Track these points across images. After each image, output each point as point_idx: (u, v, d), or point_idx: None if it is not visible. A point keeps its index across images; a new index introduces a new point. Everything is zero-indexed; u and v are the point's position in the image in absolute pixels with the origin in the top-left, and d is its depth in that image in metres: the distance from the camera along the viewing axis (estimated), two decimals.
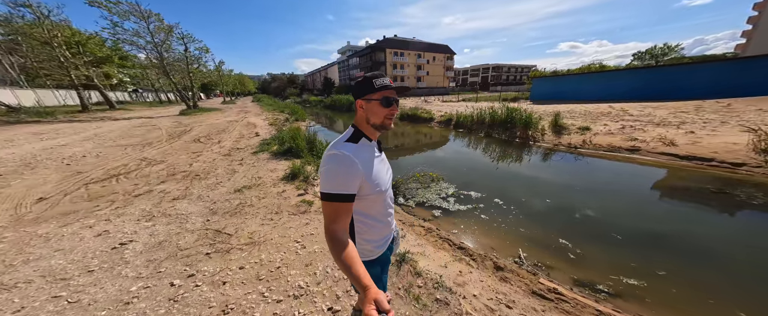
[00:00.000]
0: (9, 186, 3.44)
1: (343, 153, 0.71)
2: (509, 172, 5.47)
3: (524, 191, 4.33)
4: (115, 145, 5.92)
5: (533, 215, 3.56)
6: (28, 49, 13.66)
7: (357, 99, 0.79)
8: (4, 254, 1.96)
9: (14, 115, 11.40)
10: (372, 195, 0.78)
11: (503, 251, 2.92)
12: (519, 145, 7.85)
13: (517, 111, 8.72)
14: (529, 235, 3.15)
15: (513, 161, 6.29)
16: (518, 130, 8.48)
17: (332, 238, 0.66)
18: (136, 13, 13.82)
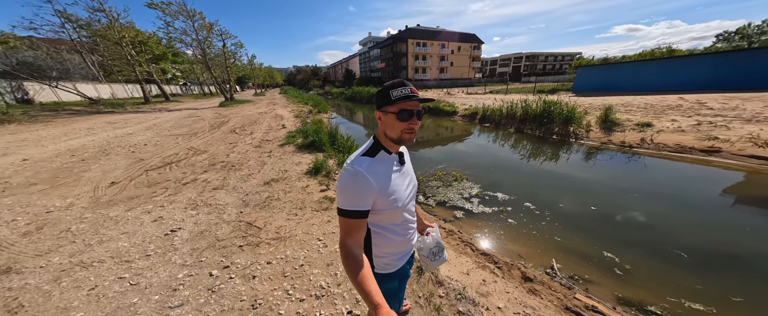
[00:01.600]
0: (89, 170, 4.04)
1: (356, 169, 0.69)
2: (544, 172, 4.94)
3: (562, 195, 3.90)
4: (169, 135, 6.63)
5: (572, 222, 3.19)
6: (104, 48, 15.65)
7: (376, 110, 0.74)
8: (84, 233, 2.31)
9: (94, 106, 13.38)
10: (389, 210, 0.76)
11: (533, 259, 2.68)
12: (556, 142, 7.01)
13: (556, 104, 7.72)
14: (565, 244, 2.85)
15: (549, 161, 5.66)
16: (556, 125, 7.53)
17: (345, 252, 0.66)
18: (183, 13, 14.91)
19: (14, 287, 1.61)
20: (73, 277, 1.72)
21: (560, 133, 7.42)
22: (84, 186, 3.42)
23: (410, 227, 0.88)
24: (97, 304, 1.49)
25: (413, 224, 0.90)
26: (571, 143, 6.87)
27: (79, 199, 3.03)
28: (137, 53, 16.59)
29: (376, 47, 50.44)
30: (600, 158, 5.63)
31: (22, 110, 9.90)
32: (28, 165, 4.22)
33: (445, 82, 44.00)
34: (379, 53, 49.36)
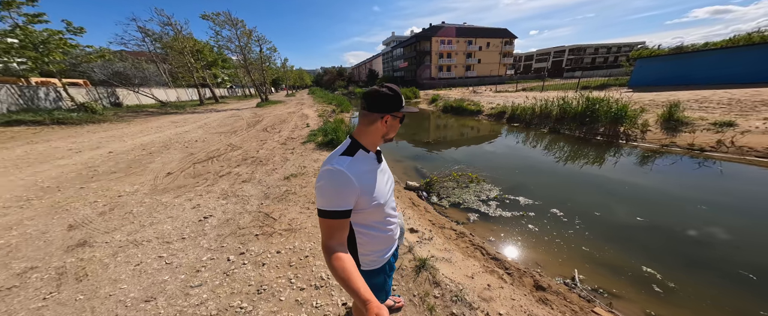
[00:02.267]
0: (153, 162, 4.73)
1: (336, 169, 0.68)
2: (581, 177, 4.38)
3: (601, 202, 3.44)
4: (215, 133, 7.44)
5: (607, 232, 2.82)
6: (171, 58, 18.03)
7: (384, 113, 0.73)
8: (141, 216, 2.72)
9: (163, 108, 15.59)
10: (370, 208, 0.75)
11: (552, 269, 2.43)
12: (601, 144, 6.14)
13: (602, 101, 6.69)
14: (593, 255, 2.53)
15: (589, 164, 4.99)
16: (602, 125, 6.56)
17: (329, 254, 0.65)
18: (229, 22, 16.34)
19: (85, 258, 1.97)
20: (127, 253, 2.05)
21: (606, 134, 6.44)
22: (148, 175, 4.02)
23: (392, 222, 0.87)
24: (138, 279, 1.75)
25: (395, 219, 0.89)
26: (621, 145, 5.93)
27: (142, 186, 3.57)
28: (195, 60, 18.77)
29: (399, 46, 49.45)
30: (658, 162, 4.78)
31: (113, 112, 11.99)
32: (112, 157, 5.10)
33: (471, 80, 41.43)
34: (402, 52, 48.32)
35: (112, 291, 1.61)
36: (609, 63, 56.24)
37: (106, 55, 14.89)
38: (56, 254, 1.99)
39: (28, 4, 9.23)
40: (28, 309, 1.44)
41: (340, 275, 0.61)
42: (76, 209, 2.83)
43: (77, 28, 10.68)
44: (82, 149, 5.65)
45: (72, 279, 1.71)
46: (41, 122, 8.43)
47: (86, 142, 6.36)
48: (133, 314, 1.43)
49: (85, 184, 3.62)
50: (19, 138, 6.68)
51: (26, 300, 1.51)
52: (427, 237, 2.69)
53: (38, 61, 9.78)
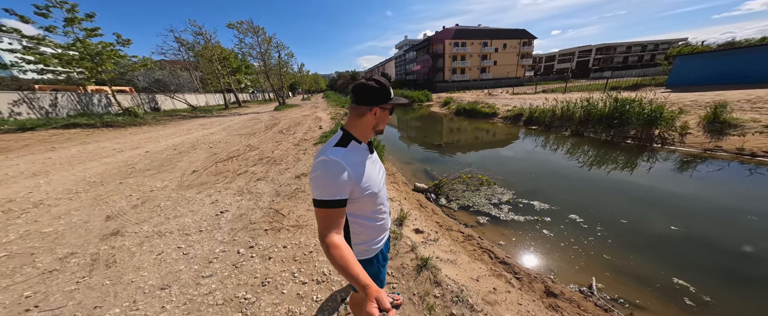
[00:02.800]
0: (182, 161, 5.07)
1: (331, 159, 0.69)
2: (606, 182, 4.06)
3: (628, 210, 3.17)
4: (236, 134, 7.84)
5: (633, 241, 2.60)
6: (202, 65, 19.33)
7: (372, 105, 0.74)
8: (167, 209, 2.91)
9: (194, 112, 16.74)
10: (364, 197, 0.76)
11: (566, 276, 2.28)
12: (631, 148, 5.65)
13: (633, 102, 6.19)
14: (615, 263, 2.34)
15: (617, 169, 4.61)
16: (633, 128, 6.04)
17: (328, 243, 0.65)
18: (251, 30, 17.16)
19: (116, 246, 2.14)
20: (151, 243, 2.20)
21: (638, 137, 5.90)
22: (176, 172, 4.32)
23: (384, 211, 0.88)
24: (158, 267, 1.87)
25: (387, 209, 0.91)
26: (655, 149, 5.42)
27: (171, 182, 3.84)
28: (221, 67, 19.95)
29: (412, 50, 48.83)
30: (700, 168, 4.31)
31: (152, 116, 13.08)
32: (148, 156, 5.55)
33: (486, 82, 39.70)
34: (415, 56, 47.62)
35: (134, 278, 1.73)
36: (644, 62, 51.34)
37: (148, 64, 16.31)
38: (93, 242, 2.19)
39: (87, 20, 10.35)
40: (62, 291, 1.59)
41: (338, 263, 0.61)
42: (114, 202, 3.10)
43: (125, 40, 11.79)
44: (124, 149, 6.20)
45: (102, 265, 1.86)
46: (93, 125, 9.39)
47: (128, 143, 6.98)
48: (148, 301, 1.53)
49: (124, 179, 3.96)
50: (74, 139, 7.49)
51: (62, 283, 1.67)
52: (433, 238, 2.61)
53: (93, 70, 10.92)
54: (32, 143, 6.69)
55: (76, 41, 10.26)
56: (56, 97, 11.16)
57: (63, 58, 10.14)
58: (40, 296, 1.53)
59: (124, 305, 1.49)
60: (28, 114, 10.19)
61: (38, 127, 8.30)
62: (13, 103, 9.84)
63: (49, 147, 6.37)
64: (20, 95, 10.09)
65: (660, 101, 6.05)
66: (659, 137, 5.72)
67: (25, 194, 3.29)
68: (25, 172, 4.34)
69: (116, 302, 1.50)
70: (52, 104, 11.03)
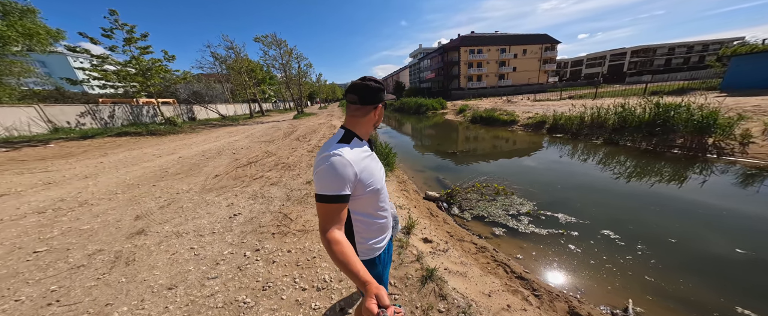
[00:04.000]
0: (207, 166, 5.39)
1: (336, 154, 0.69)
2: (649, 197, 3.60)
3: (679, 228, 2.79)
4: (257, 142, 8.24)
5: (687, 263, 2.27)
6: (232, 77, 20.94)
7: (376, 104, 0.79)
8: (188, 211, 3.05)
9: (223, 121, 18.04)
10: (366, 194, 0.76)
11: (596, 296, 2.01)
12: (678, 158, 5.06)
13: (679, 107, 5.61)
14: (659, 286, 2.05)
15: (662, 182, 4.10)
16: (680, 136, 5.45)
17: (329, 239, 0.64)
18: (275, 43, 18.34)
19: (138, 244, 2.26)
20: (168, 243, 2.29)
21: (687, 146, 5.25)
22: (200, 176, 4.58)
23: (386, 209, 0.88)
24: (170, 267, 1.92)
25: (388, 207, 0.91)
26: (709, 160, 4.78)
27: (195, 185, 4.06)
28: (248, 78, 21.43)
29: (426, 58, 48.75)
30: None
31: (189, 125, 14.30)
32: (180, 161, 5.99)
33: (505, 89, 38.17)
34: (429, 64, 47.43)
35: (147, 277, 1.79)
36: (691, 64, 46.40)
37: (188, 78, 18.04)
38: (120, 240, 2.34)
39: (142, 39, 11.74)
40: (83, 287, 1.68)
41: (339, 259, 0.60)
42: (144, 203, 3.33)
43: (171, 56, 13.15)
44: (161, 155, 6.77)
45: (123, 263, 1.96)
46: (140, 133, 10.45)
47: (166, 149, 7.63)
48: (155, 300, 1.56)
49: (156, 182, 4.27)
50: (123, 146, 8.37)
51: (85, 278, 1.77)
52: (442, 249, 2.44)
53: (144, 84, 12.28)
54: (90, 150, 7.58)
55: (132, 58, 11.65)
56: (114, 109, 12.67)
57: (120, 74, 11.54)
58: (63, 291, 1.63)
59: (132, 303, 1.53)
60: (91, 124, 11.64)
61: (97, 136, 9.42)
62: (80, 115, 11.32)
63: (102, 153, 7.15)
64: (86, 108, 11.59)
65: (713, 106, 5.35)
66: (714, 147, 5.00)
67: (75, 194, 3.67)
68: (78, 174, 4.88)
69: (126, 300, 1.55)
70: (111, 115, 12.53)
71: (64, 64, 28.15)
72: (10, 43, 9.32)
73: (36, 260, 1.99)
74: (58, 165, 5.68)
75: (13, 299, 1.54)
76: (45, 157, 6.50)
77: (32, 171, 5.12)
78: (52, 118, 10.29)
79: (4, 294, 1.59)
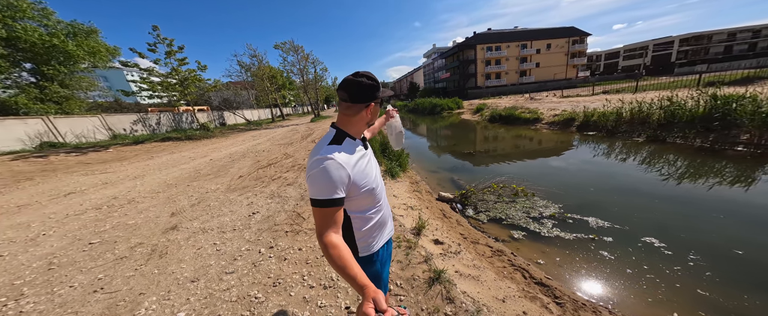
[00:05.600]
0: (233, 167, 5.81)
1: (327, 157, 0.68)
2: (706, 201, 3.17)
3: (746, 236, 2.42)
4: (277, 144, 8.68)
5: (756, 278, 1.97)
6: (256, 84, 22.34)
7: (368, 102, 0.76)
8: (214, 209, 3.30)
9: (249, 126, 19.33)
10: (362, 194, 0.75)
11: (631, 308, 1.84)
12: (742, 157, 4.40)
13: (743, 99, 4.91)
14: (717, 301, 1.81)
15: (724, 184, 3.55)
16: (745, 131, 4.75)
17: (326, 243, 0.63)
18: (292, 49, 19.17)
19: (171, 239, 2.50)
20: (195, 238, 2.50)
21: (755, 143, 4.55)
22: (227, 177, 4.95)
23: (382, 207, 0.87)
24: (195, 261, 2.10)
25: (385, 204, 0.90)
26: None
27: (222, 185, 4.40)
28: (270, 84, 22.68)
29: (441, 58, 47.37)
30: None
31: (220, 130, 15.57)
32: (211, 163, 6.54)
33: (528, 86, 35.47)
34: (444, 63, 45.98)
35: (175, 270, 1.97)
36: (759, 50, 39.80)
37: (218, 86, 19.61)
38: (157, 234, 2.61)
39: (179, 51, 13.04)
40: (123, 276, 1.90)
41: (336, 263, 0.60)
42: (179, 201, 3.68)
43: (203, 66, 14.42)
44: (195, 158, 7.46)
45: (157, 256, 2.18)
46: (179, 139, 11.62)
47: (200, 152, 8.39)
48: (179, 291, 1.71)
49: (191, 183, 4.71)
50: (166, 149, 9.37)
51: (126, 269, 2.00)
52: (454, 251, 2.35)
53: (182, 93, 13.63)
54: (140, 153, 8.61)
55: (172, 70, 12.98)
56: (160, 117, 14.25)
57: (164, 85, 12.93)
58: (107, 279, 1.86)
59: (161, 293, 1.69)
60: (142, 131, 13.22)
61: (146, 141, 10.67)
62: (133, 123, 12.92)
63: (149, 156, 8.08)
64: (138, 116, 13.20)
65: None
66: None
67: (125, 193, 4.19)
68: (130, 175, 5.56)
69: (156, 291, 1.72)
70: (157, 122, 14.10)
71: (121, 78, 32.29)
72: (79, 61, 10.98)
73: (90, 251, 2.30)
74: (114, 167, 6.54)
75: (68, 285, 1.80)
76: (105, 160, 7.52)
77: (94, 173, 5.95)
78: (112, 126, 11.88)
79: (62, 280, 1.87)
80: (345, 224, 0.77)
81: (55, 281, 1.85)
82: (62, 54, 10.33)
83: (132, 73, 31.83)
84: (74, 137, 10.20)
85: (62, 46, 10.00)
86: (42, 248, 2.38)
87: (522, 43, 36.83)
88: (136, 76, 20.94)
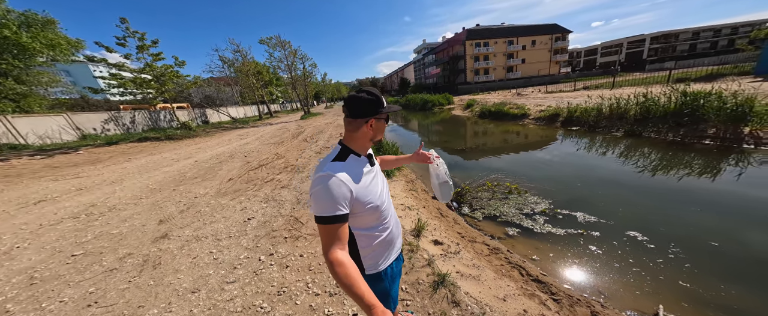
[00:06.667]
0: (221, 169, 5.66)
1: (329, 174, 0.69)
2: (681, 193, 3.44)
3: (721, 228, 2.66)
4: (267, 144, 8.51)
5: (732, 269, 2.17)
6: (240, 80, 21.58)
7: (367, 117, 0.76)
8: (205, 215, 3.23)
9: (234, 124, 18.71)
10: (366, 212, 0.76)
11: (621, 301, 1.99)
12: (710, 150, 4.82)
13: (710, 95, 5.36)
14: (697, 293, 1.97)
15: (694, 176, 3.90)
16: (712, 125, 5.19)
17: (330, 260, 0.64)
18: (279, 44, 18.67)
19: (163, 248, 2.44)
20: (189, 247, 2.46)
21: (720, 137, 4.99)
22: (216, 180, 4.82)
23: (391, 222, 0.87)
24: (192, 270, 2.07)
25: (393, 222, 0.90)
26: (746, 151, 4.53)
27: (211, 189, 4.29)
28: (256, 81, 22.00)
29: (431, 53, 48.43)
30: None
31: (203, 129, 14.98)
32: (196, 165, 6.32)
33: (514, 82, 36.92)
34: (434, 59, 47.03)
35: (172, 280, 1.94)
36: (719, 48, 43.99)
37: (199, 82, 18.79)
38: (146, 244, 2.53)
39: (153, 46, 12.34)
40: (117, 289, 1.85)
41: (343, 281, 0.60)
42: (166, 207, 3.56)
43: (181, 61, 13.73)
44: (179, 159, 7.17)
45: (150, 267, 2.13)
46: (158, 139, 11.09)
47: (182, 153, 8.06)
48: (180, 303, 1.69)
49: (176, 187, 4.55)
50: (145, 151, 8.92)
51: (118, 281, 1.95)
52: (453, 251, 2.45)
53: (159, 90, 12.95)
54: (115, 155, 8.16)
55: (145, 65, 12.28)
56: (134, 115, 13.49)
57: (137, 81, 12.23)
58: (100, 293, 1.81)
59: (161, 306, 1.67)
60: (115, 130, 12.48)
61: (120, 142, 10.10)
62: (104, 122, 12.16)
63: (126, 158, 7.68)
64: (109, 114, 12.43)
65: (749, 93, 5.02)
66: (751, 136, 4.71)
67: (104, 199, 3.99)
68: (106, 180, 5.28)
69: (156, 303, 1.70)
70: (132, 121, 13.35)
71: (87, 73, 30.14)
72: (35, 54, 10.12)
73: (74, 264, 2.21)
74: (87, 171, 6.17)
75: (58, 300, 1.74)
76: (76, 163, 7.07)
77: (65, 177, 5.60)
78: (80, 126, 11.13)
79: (49, 295, 1.79)
80: (350, 242, 0.78)
81: (41, 297, 1.77)
82: (15, 46, 9.49)
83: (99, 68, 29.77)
84: (37, 139, 9.49)
85: (15, 38, 9.17)
86: (18, 262, 2.25)
87: (508, 39, 38.17)
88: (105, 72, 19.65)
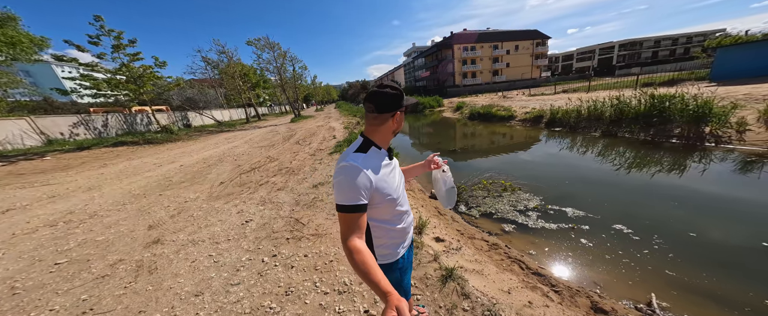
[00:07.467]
0: (210, 173, 5.49)
1: (352, 164, 0.72)
2: (657, 188, 3.75)
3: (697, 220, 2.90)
4: (257, 147, 8.34)
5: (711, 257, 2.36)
6: (226, 82, 21.01)
7: (394, 111, 0.79)
8: (199, 219, 3.14)
9: (219, 127, 18.13)
10: (384, 203, 0.79)
11: (616, 291, 2.12)
12: (676, 148, 5.30)
13: (674, 98, 5.92)
14: (682, 281, 2.13)
15: (664, 173, 4.27)
16: (677, 125, 5.73)
17: (350, 247, 0.66)
18: (268, 45, 18.42)
19: (157, 253, 2.36)
20: (186, 251, 2.39)
21: (685, 136, 5.49)
22: (206, 184, 4.68)
23: (405, 216, 0.90)
24: (192, 274, 2.02)
25: (408, 214, 0.92)
26: (708, 149, 5.00)
27: (201, 193, 4.16)
28: (243, 83, 21.52)
29: (421, 57, 49.80)
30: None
31: (185, 132, 14.39)
32: (182, 169, 6.08)
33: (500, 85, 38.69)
34: (424, 62, 48.51)
35: (172, 285, 1.88)
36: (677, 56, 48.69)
37: (180, 84, 18.10)
38: (138, 249, 2.43)
39: (130, 45, 11.79)
40: (112, 295, 1.78)
41: (360, 268, 0.62)
42: (154, 212, 3.42)
43: (162, 62, 13.20)
44: (162, 164, 6.87)
45: (146, 272, 2.06)
46: (137, 143, 10.54)
47: (165, 158, 7.72)
48: (184, 307, 1.65)
49: (162, 192, 4.37)
50: (122, 155, 8.46)
51: (113, 287, 1.86)
52: (455, 247, 2.54)
53: (136, 92, 12.35)
54: (88, 161, 7.67)
55: (121, 66, 11.70)
56: (107, 119, 12.75)
57: (111, 82, 11.60)
58: (94, 300, 1.73)
59: (164, 310, 1.62)
60: (85, 135, 11.72)
61: (93, 146, 9.50)
62: (73, 126, 11.40)
63: (101, 164, 7.25)
64: (78, 118, 11.68)
65: (706, 96, 5.64)
66: (711, 135, 5.24)
67: (83, 206, 3.77)
68: (82, 186, 4.97)
69: (158, 307, 1.65)
70: (104, 125, 12.61)
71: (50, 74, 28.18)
72: None
73: (59, 272, 2.09)
74: (58, 178, 5.77)
75: (48, 309, 1.64)
76: (43, 170, 6.58)
77: (34, 185, 5.21)
78: (45, 130, 10.37)
79: (37, 304, 1.69)
80: (366, 234, 0.81)
81: (27, 306, 1.67)
82: None
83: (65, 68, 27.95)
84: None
85: None
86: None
87: (494, 43, 40.12)
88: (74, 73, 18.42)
